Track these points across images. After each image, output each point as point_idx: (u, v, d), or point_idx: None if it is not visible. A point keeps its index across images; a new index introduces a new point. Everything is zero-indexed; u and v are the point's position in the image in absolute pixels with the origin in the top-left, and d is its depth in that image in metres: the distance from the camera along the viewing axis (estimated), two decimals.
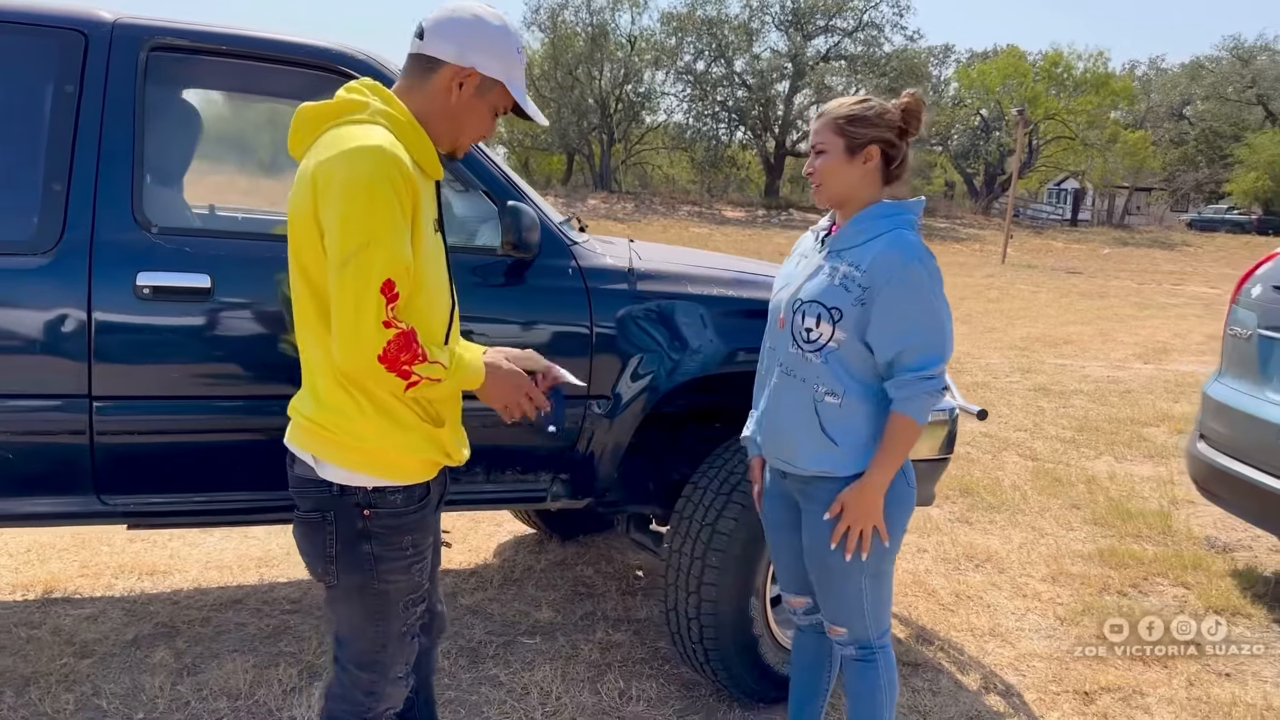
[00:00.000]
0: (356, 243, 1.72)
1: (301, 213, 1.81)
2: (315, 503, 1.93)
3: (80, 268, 2.52)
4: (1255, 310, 4.36)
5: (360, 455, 1.88)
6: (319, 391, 1.89)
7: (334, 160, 1.75)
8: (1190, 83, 55.69)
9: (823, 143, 2.29)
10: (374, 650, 2.01)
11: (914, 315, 2.19)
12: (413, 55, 1.95)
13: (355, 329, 1.73)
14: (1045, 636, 3.79)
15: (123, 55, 2.61)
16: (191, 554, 4.18)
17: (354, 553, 1.93)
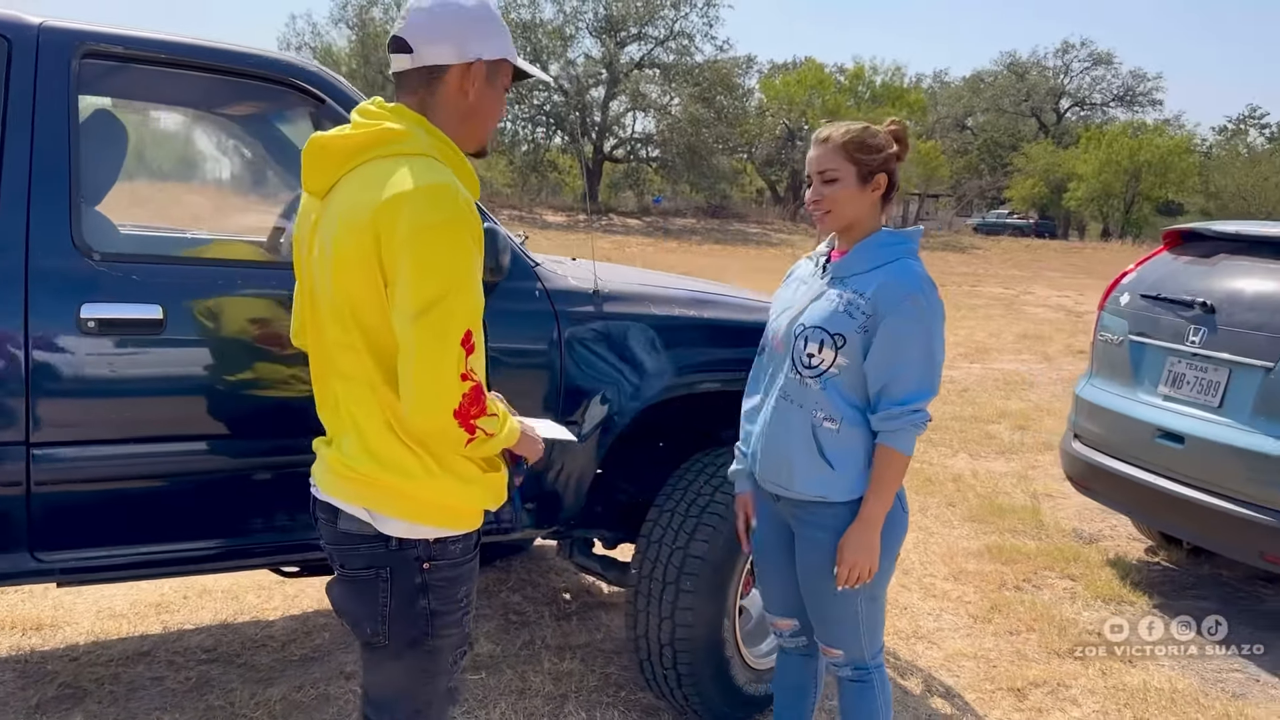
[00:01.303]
0: (435, 292, 1.60)
1: (357, 258, 1.66)
2: (369, 559, 1.79)
3: (15, 298, 2.25)
4: (1125, 317, 4.71)
5: (424, 506, 1.77)
6: (373, 447, 1.75)
7: (397, 201, 1.62)
8: (972, 96, 59.76)
9: (834, 169, 2.29)
10: (420, 710, 1.89)
11: (909, 347, 2.23)
12: (410, 72, 1.79)
13: (435, 383, 1.62)
14: (965, 635, 3.97)
15: (52, 63, 2.34)
16: (77, 603, 3.80)
17: (410, 609, 1.81)
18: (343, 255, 1.68)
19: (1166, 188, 49.30)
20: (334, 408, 1.84)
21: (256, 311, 2.50)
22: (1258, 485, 3.89)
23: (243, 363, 2.49)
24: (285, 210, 3.15)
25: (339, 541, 1.83)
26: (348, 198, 1.71)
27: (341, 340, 1.74)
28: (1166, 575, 4.83)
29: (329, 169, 1.77)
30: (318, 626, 3.73)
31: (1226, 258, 4.47)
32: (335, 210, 1.73)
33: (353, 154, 1.74)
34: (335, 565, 1.88)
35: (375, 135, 1.73)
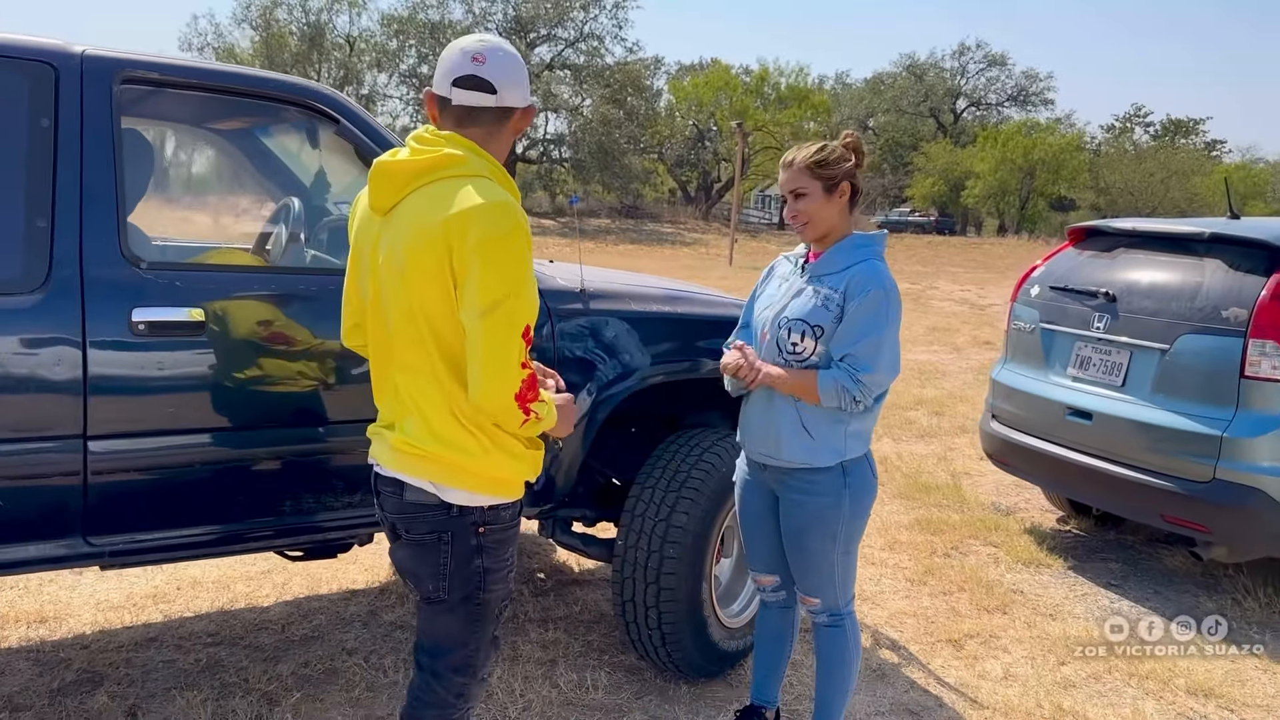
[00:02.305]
0: (501, 293, 1.89)
1: (430, 265, 1.93)
2: (433, 525, 2.07)
3: (73, 306, 2.47)
4: (1035, 307, 5.20)
5: (480, 479, 2.06)
6: (436, 428, 2.02)
7: (467, 216, 1.90)
8: (873, 97, 61.37)
9: (802, 187, 2.66)
10: (470, 655, 2.18)
11: (866, 330, 2.59)
12: (488, 109, 2.05)
13: (501, 370, 1.91)
14: (904, 596, 4.39)
15: (95, 88, 2.56)
16: (73, 598, 3.96)
17: (467, 567, 2.09)
18: (415, 263, 1.96)
19: (1059, 184, 51.42)
20: (394, 396, 2.11)
21: (284, 311, 2.75)
22: (1157, 455, 4.38)
23: (273, 358, 2.74)
24: (274, 217, 3.40)
25: (405, 511, 2.10)
26: (417, 214, 1.98)
27: (411, 337, 2.02)
28: (1077, 541, 5.34)
29: (394, 189, 2.03)
30: (313, 610, 3.96)
31: (1125, 251, 4.98)
32: (404, 224, 2.00)
33: (416, 176, 2.01)
34: (400, 532, 2.15)
35: (438, 160, 2.01)
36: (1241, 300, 4.25)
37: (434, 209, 1.95)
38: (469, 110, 2.05)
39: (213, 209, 3.71)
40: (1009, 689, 3.55)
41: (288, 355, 2.76)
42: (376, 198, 2.07)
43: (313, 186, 3.57)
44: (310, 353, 2.79)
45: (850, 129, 2.84)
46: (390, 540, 2.24)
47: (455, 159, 2.01)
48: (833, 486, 2.68)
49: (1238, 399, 4.18)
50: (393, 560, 2.23)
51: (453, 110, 2.06)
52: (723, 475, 3.28)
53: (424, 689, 2.21)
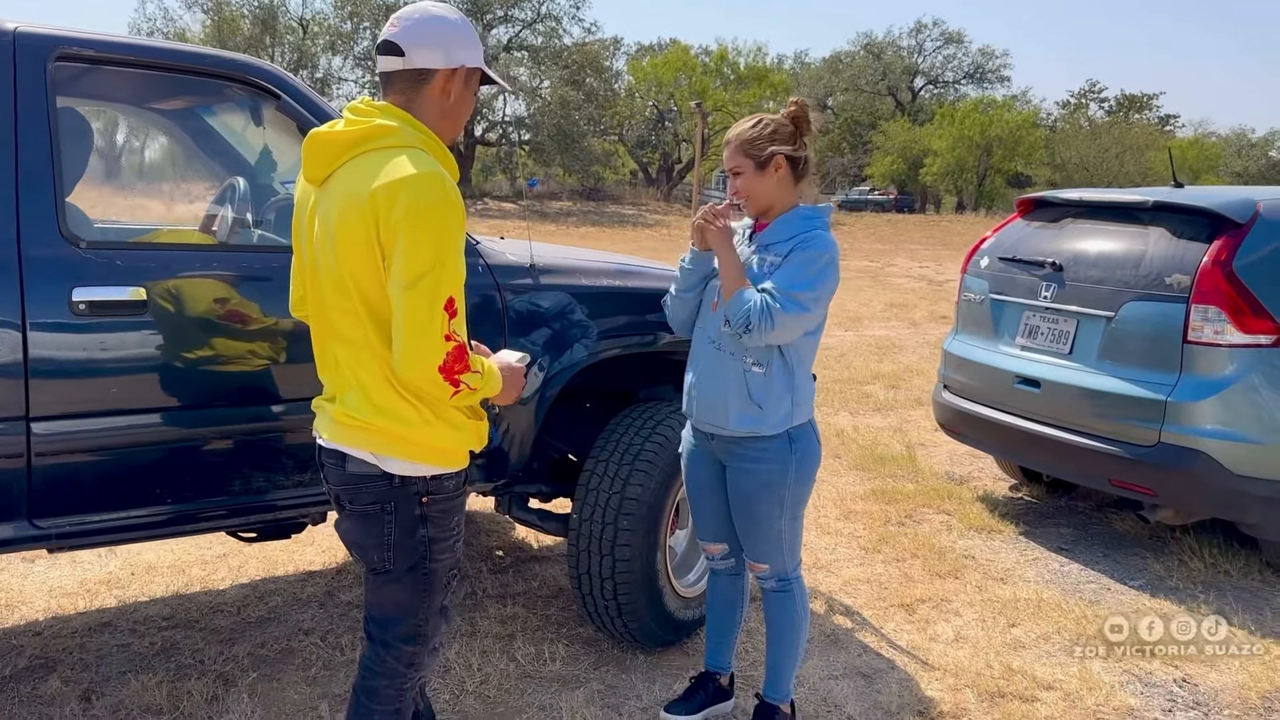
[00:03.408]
0: (425, 265, 1.88)
1: (357, 236, 1.93)
2: (375, 496, 2.08)
3: (11, 286, 2.44)
4: (985, 278, 5.27)
5: (421, 449, 2.06)
6: (375, 399, 2.03)
7: (395, 187, 1.89)
8: (832, 76, 61.54)
9: (736, 166, 2.71)
10: (420, 625, 2.18)
11: (796, 275, 2.59)
12: (400, 72, 2.04)
13: (421, 342, 1.90)
14: (858, 564, 4.45)
15: (29, 65, 2.52)
16: (24, 585, 3.92)
17: (411, 537, 2.10)
18: (345, 234, 1.95)
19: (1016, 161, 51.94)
20: (335, 368, 2.11)
21: (226, 290, 2.73)
22: (1104, 420, 4.47)
23: (216, 337, 2.72)
24: (219, 197, 3.36)
25: (347, 483, 2.11)
26: (348, 185, 1.97)
27: (344, 308, 2.01)
28: (1029, 507, 5.43)
29: (326, 160, 2.03)
30: (269, 591, 3.95)
31: (1072, 221, 5.05)
32: (335, 196, 1.99)
33: (348, 147, 2.01)
34: (344, 504, 2.15)
35: (368, 131, 2.00)
36: (1184, 267, 4.34)
37: (363, 179, 1.94)
38: (386, 76, 2.07)
39: (156, 190, 3.67)
40: (960, 651, 3.62)
41: (232, 333, 2.75)
42: (310, 169, 2.06)
43: (257, 164, 3.53)
44: (255, 331, 2.77)
45: (797, 97, 2.85)
46: (337, 513, 2.24)
47: (386, 129, 2.00)
48: (779, 454, 2.71)
49: (1181, 364, 4.27)
50: (339, 532, 2.23)
51: (380, 79, 2.09)
52: (676, 448, 3.30)
53: (375, 659, 2.22)
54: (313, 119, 2.90)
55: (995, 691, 3.32)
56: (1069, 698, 3.32)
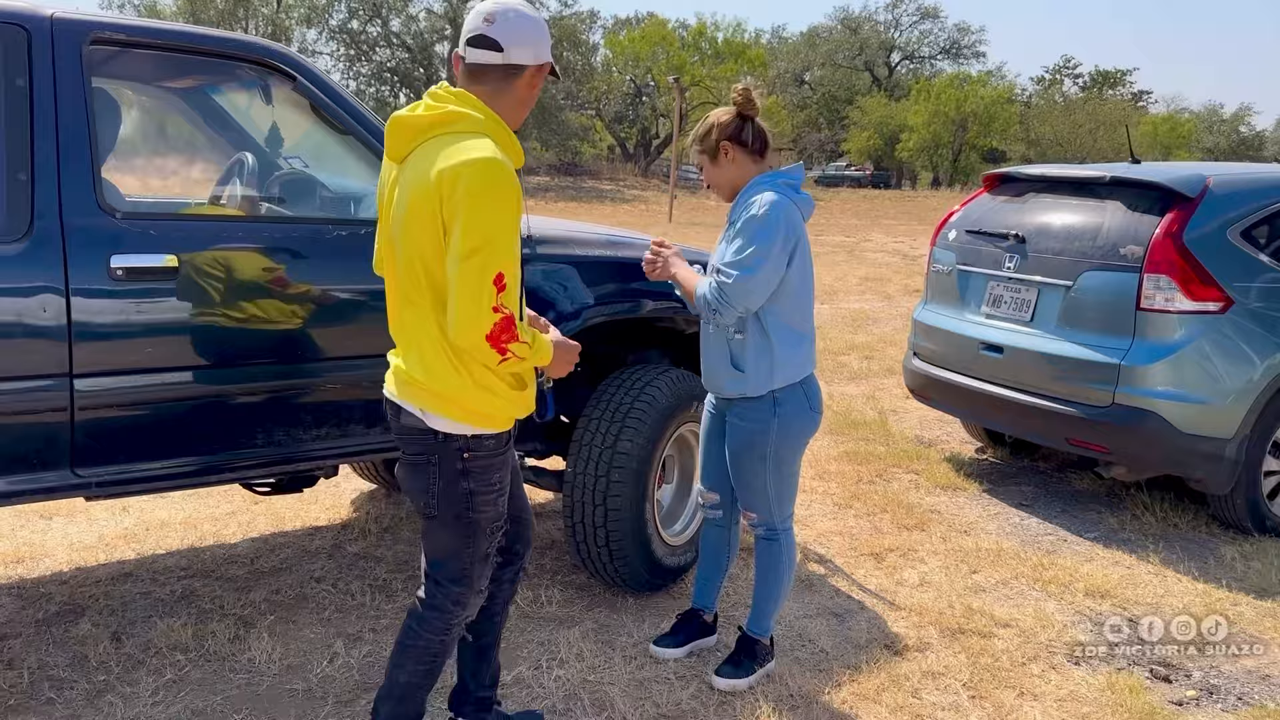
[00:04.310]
0: (478, 241, 2.10)
1: (424, 212, 2.15)
2: (422, 447, 2.33)
3: (55, 253, 2.65)
4: (953, 250, 5.54)
5: (462, 411, 2.29)
6: (427, 362, 2.26)
7: (458, 169, 2.11)
8: (809, 51, 61.65)
9: (699, 162, 3.10)
10: (465, 568, 2.43)
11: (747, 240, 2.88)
12: (494, 66, 2.25)
13: (471, 312, 2.12)
14: (831, 519, 4.74)
15: (67, 49, 2.73)
16: (46, 540, 4.14)
17: (454, 488, 2.34)
18: (414, 210, 2.18)
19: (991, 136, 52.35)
20: (401, 328, 2.35)
21: (250, 258, 2.96)
22: (1062, 383, 4.76)
23: (241, 300, 2.95)
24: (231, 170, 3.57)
25: (402, 433, 2.37)
26: (420, 165, 2.19)
27: (411, 277, 2.25)
28: (993, 468, 5.74)
29: (405, 140, 2.25)
30: (279, 544, 4.20)
31: (1034, 195, 5.32)
32: (410, 173, 2.21)
33: (424, 130, 2.23)
34: (400, 452, 2.42)
35: (442, 116, 2.22)
36: (1138, 238, 4.62)
37: (433, 161, 2.16)
38: (479, 67, 2.26)
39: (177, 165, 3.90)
40: (924, 594, 3.92)
41: (257, 297, 2.97)
42: (393, 148, 2.28)
43: (269, 141, 3.74)
44: (278, 295, 3.00)
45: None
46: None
47: (459, 115, 2.22)
48: (763, 414, 3.00)
49: (1134, 330, 4.56)
50: (397, 477, 2.49)
51: (466, 69, 2.29)
52: (662, 407, 3.57)
53: (427, 594, 2.47)
54: (325, 98, 3.13)
55: (956, 628, 3.61)
56: (1023, 634, 3.62)
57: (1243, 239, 4.62)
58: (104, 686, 3.04)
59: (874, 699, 3.13)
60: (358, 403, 3.22)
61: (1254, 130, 63.59)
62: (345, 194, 3.54)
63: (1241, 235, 4.62)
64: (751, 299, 2.87)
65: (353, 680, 3.12)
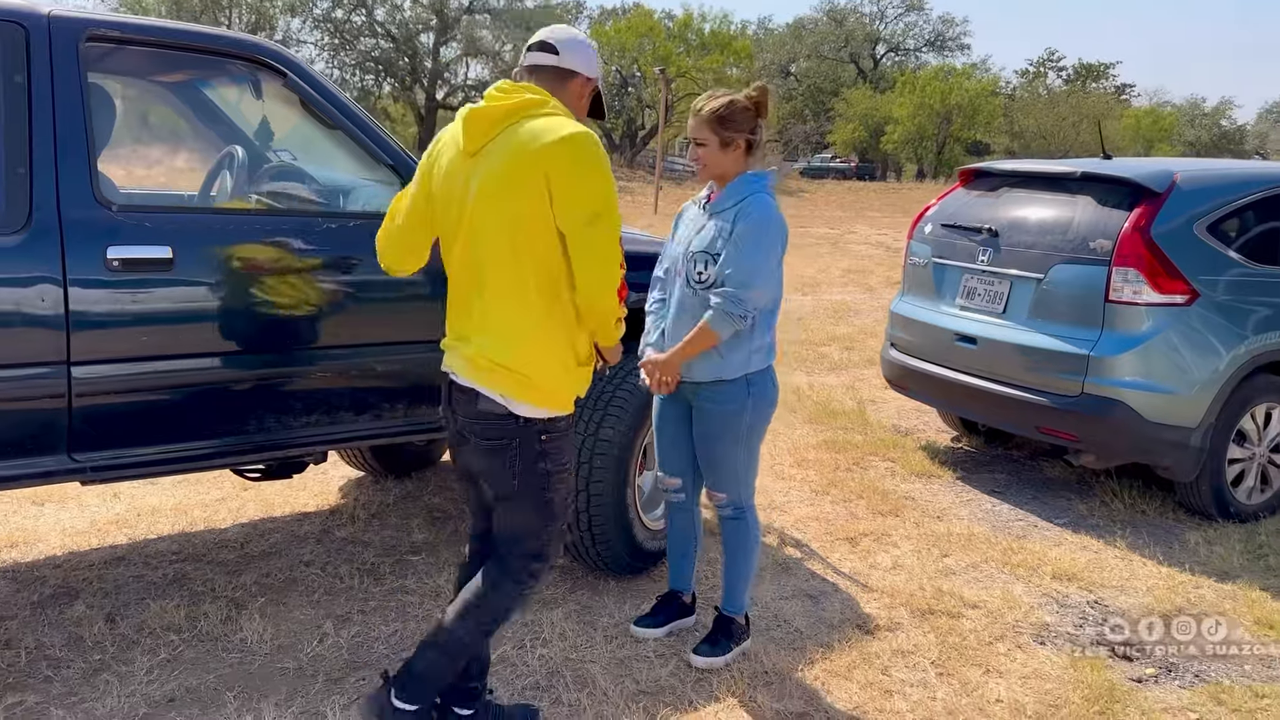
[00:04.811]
0: (601, 204, 2.30)
1: (527, 186, 2.29)
2: (503, 431, 2.45)
3: (53, 244, 2.74)
4: (929, 244, 5.66)
5: (543, 394, 2.43)
6: (514, 345, 2.39)
7: (565, 141, 2.28)
8: (795, 42, 61.78)
9: (702, 138, 3.08)
10: (544, 544, 2.58)
11: (746, 251, 3.00)
12: (549, 67, 2.48)
13: (608, 269, 2.32)
14: (808, 504, 4.87)
15: (64, 45, 2.81)
16: (38, 525, 4.23)
17: (533, 470, 2.48)
18: (515, 185, 2.29)
19: (975, 129, 52.58)
20: (471, 315, 2.46)
21: (247, 249, 3.05)
22: (1033, 373, 4.89)
23: (235, 291, 3.04)
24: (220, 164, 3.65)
25: (478, 417, 2.46)
26: (513, 145, 2.31)
27: (506, 259, 2.35)
28: (968, 456, 5.88)
29: (484, 130, 2.38)
30: (269, 529, 4.29)
31: (1008, 190, 5.45)
32: (500, 155, 2.32)
33: (505, 117, 2.37)
34: (469, 436, 2.52)
35: (523, 102, 2.38)
36: (1107, 232, 4.75)
37: (532, 138, 2.31)
38: (535, 68, 2.49)
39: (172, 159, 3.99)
40: (896, 576, 4.04)
41: (249, 288, 3.06)
42: (470, 140, 2.40)
43: (257, 135, 3.83)
44: (269, 286, 3.09)
45: (763, 80, 3.23)
46: (456, 444, 2.63)
47: (537, 100, 2.40)
48: (738, 396, 3.10)
49: (1103, 321, 4.69)
50: (460, 462, 2.63)
51: (525, 70, 2.52)
52: (644, 396, 3.67)
53: (497, 570, 2.58)
54: (314, 94, 3.22)
55: (926, 609, 3.74)
56: (991, 615, 3.75)
57: (1209, 233, 4.75)
58: (99, 665, 3.13)
59: (845, 676, 3.25)
60: (346, 390, 3.32)
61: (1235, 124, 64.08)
62: (334, 187, 3.63)
63: (1208, 230, 4.76)
64: (765, 300, 3.04)
65: (342, 659, 3.22)
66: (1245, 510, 4.87)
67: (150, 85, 3.66)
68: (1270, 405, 4.88)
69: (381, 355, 3.36)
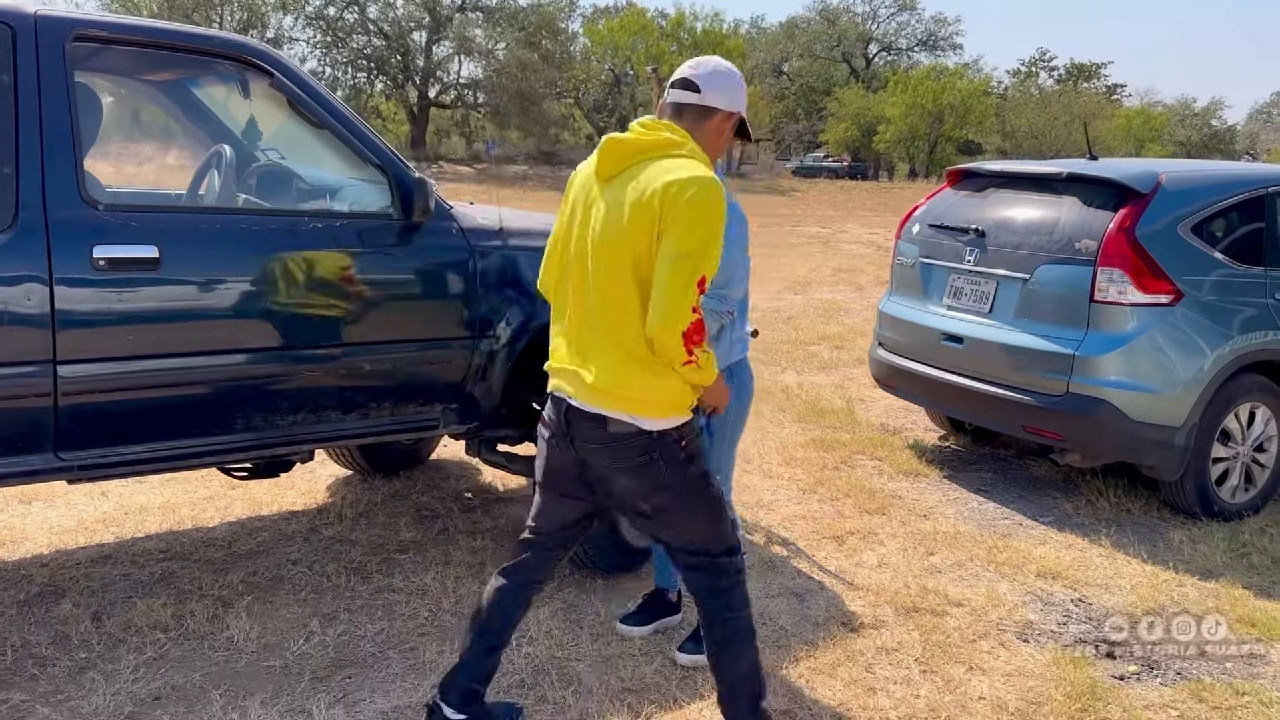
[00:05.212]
0: (693, 245, 2.31)
1: (645, 219, 2.34)
2: (641, 449, 2.46)
3: (39, 244, 2.74)
4: (917, 244, 5.69)
5: (668, 405, 2.46)
6: (632, 365, 2.41)
7: (686, 182, 2.32)
8: (788, 41, 61.88)
9: None
10: (728, 538, 2.63)
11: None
12: (692, 105, 2.51)
13: (676, 305, 2.30)
14: (796, 503, 4.89)
15: (50, 45, 2.82)
16: (24, 524, 4.23)
17: (685, 474, 2.51)
18: (635, 218, 2.35)
19: (967, 129, 52.75)
20: (588, 338, 2.48)
21: (229, 249, 3.06)
22: (1019, 372, 4.91)
23: (223, 290, 3.05)
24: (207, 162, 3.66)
25: (611, 441, 2.47)
26: (644, 178, 2.37)
27: (620, 283, 2.39)
28: (955, 454, 5.90)
29: (620, 159, 2.44)
30: (256, 528, 4.30)
31: (995, 191, 5.47)
32: (629, 187, 2.38)
33: (643, 150, 2.43)
34: (604, 459, 2.51)
35: (662, 140, 2.44)
36: (1092, 233, 4.77)
37: (659, 174, 2.36)
38: (680, 106, 2.54)
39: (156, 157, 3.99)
40: (882, 574, 4.07)
41: (235, 287, 3.08)
42: (605, 166, 2.47)
43: (244, 134, 3.84)
44: (255, 285, 3.10)
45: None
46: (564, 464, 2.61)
47: (676, 141, 2.45)
48: None
49: (1088, 321, 4.72)
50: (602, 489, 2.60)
51: (668, 107, 2.56)
52: None
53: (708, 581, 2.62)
54: (301, 93, 3.23)
55: (911, 607, 3.76)
56: (975, 612, 3.77)
57: (1193, 234, 4.78)
58: (86, 664, 3.14)
59: (829, 673, 3.28)
60: (334, 389, 3.33)
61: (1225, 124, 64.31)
62: (321, 186, 3.64)
63: (1192, 230, 4.79)
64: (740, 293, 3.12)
65: (328, 658, 3.23)
66: (1229, 509, 4.90)
67: (138, 84, 3.66)
68: (1254, 405, 4.91)
69: (369, 354, 3.37)
